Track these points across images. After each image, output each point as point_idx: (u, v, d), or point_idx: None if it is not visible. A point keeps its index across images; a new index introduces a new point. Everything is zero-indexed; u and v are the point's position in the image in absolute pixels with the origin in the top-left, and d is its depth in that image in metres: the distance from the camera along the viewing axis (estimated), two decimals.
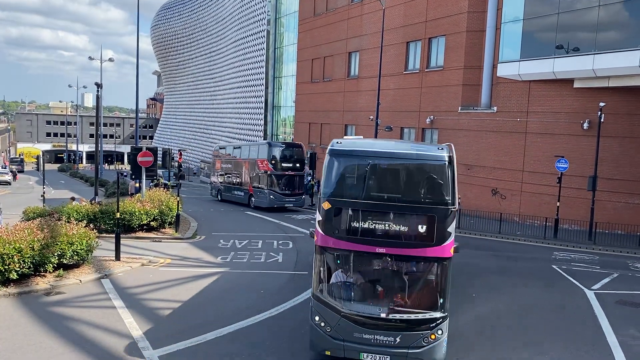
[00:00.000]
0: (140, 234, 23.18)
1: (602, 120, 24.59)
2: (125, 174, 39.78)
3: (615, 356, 11.25)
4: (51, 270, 15.51)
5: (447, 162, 9.67)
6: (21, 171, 77.75)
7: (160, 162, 36.61)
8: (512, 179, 30.16)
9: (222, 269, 17.98)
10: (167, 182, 37.56)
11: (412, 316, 9.56)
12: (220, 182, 40.85)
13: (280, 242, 23.16)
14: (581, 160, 26.91)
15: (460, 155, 32.46)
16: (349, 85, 43.70)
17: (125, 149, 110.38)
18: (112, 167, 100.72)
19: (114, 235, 18.73)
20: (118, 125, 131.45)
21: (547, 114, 28.67)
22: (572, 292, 16.28)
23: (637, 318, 13.97)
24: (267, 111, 61.97)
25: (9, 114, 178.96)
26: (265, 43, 61.63)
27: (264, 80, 61.94)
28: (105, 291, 14.94)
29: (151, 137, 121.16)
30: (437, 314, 9.54)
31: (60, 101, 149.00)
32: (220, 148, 43.76)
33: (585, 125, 27.07)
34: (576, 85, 26.88)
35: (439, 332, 9.55)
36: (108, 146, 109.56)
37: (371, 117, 35.07)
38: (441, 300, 9.57)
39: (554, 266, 19.82)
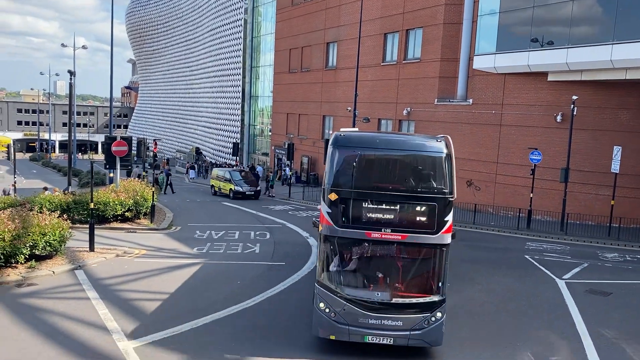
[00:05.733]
0: (114, 224, 22.88)
1: (574, 113, 25.04)
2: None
3: (584, 343, 11.54)
4: (23, 262, 15.24)
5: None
6: None
7: (135, 152, 36.07)
8: (486, 171, 30.56)
9: (198, 260, 17.87)
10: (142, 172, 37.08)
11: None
12: None
13: (257, 233, 23.10)
14: (554, 152, 27.41)
15: None
16: (327, 76, 43.62)
17: (99, 138, 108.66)
18: (85, 156, 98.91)
19: (87, 226, 18.45)
20: (92, 114, 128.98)
21: (521, 107, 29.06)
22: (544, 281, 16.63)
23: (605, 306, 14.36)
24: (244, 101, 61.53)
25: None
26: (242, 32, 61.02)
27: (241, 69, 61.42)
28: (79, 282, 14.73)
29: (126, 127, 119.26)
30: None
31: (31, 89, 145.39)
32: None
33: (559, 118, 27.55)
34: (550, 78, 27.29)
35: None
36: (81, 135, 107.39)
37: (349, 108, 35.09)
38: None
39: (526, 256, 20.20)
